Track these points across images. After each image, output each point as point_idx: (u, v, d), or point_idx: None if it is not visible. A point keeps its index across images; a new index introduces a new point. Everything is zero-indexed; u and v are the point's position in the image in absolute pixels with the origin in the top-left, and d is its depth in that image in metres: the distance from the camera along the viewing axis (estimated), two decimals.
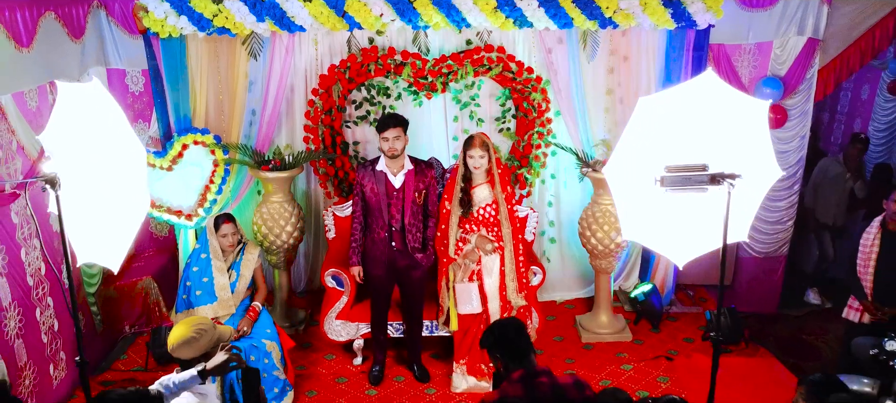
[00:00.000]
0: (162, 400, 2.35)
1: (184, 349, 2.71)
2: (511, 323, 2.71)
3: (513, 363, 2.61)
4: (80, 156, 2.53)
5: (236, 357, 2.58)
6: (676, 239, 2.70)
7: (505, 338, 2.62)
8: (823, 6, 4.94)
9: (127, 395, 2.13)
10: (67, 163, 2.54)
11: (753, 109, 2.61)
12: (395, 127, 3.93)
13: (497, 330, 2.68)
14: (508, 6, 4.44)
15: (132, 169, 2.57)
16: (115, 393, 2.14)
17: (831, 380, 2.86)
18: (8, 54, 3.70)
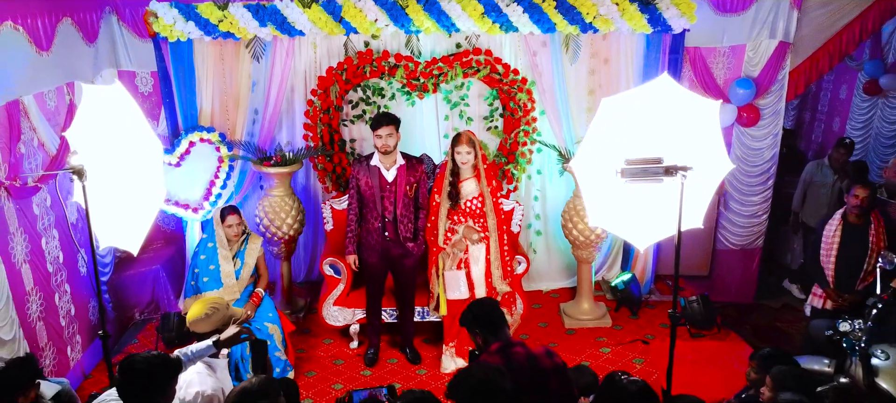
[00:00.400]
0: (181, 365, 2.65)
1: (200, 323, 3.03)
2: (486, 302, 3.02)
3: (491, 336, 2.91)
4: (102, 151, 2.84)
5: (247, 330, 2.89)
6: (637, 225, 3.01)
7: (482, 315, 2.92)
8: (793, 11, 5.23)
9: (151, 359, 2.42)
10: (91, 156, 2.84)
11: (705, 109, 2.92)
12: (387, 125, 4.23)
13: (474, 309, 2.98)
14: (495, 12, 4.74)
15: (150, 162, 2.88)
16: (140, 357, 2.44)
17: (780, 354, 3.16)
18: (29, 58, 4.00)
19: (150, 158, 2.86)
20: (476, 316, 2.94)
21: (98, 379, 4.42)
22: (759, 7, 5.23)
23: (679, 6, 4.80)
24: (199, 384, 2.84)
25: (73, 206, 4.55)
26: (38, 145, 4.12)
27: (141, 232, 2.94)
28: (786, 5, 5.21)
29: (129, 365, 2.41)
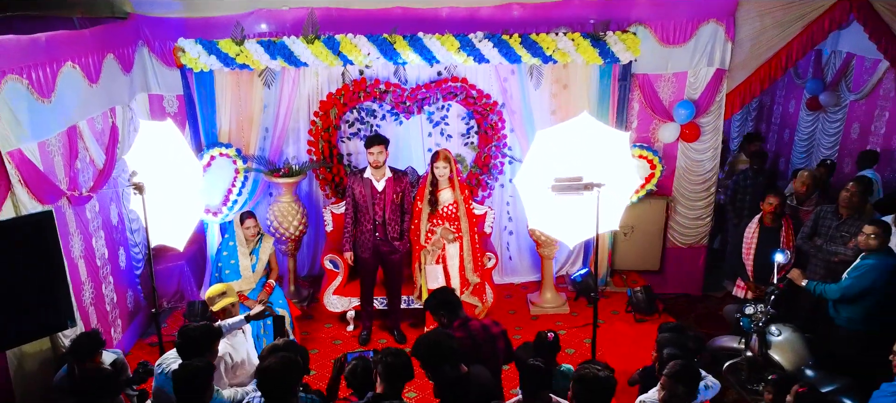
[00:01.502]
0: (222, 333, 3.51)
1: (219, 299, 3.90)
2: (444, 290, 3.90)
3: (451, 316, 3.78)
4: (156, 171, 3.72)
5: (269, 308, 3.76)
6: (566, 228, 3.88)
7: (442, 300, 3.78)
8: (728, 42, 6.09)
9: (200, 327, 3.29)
10: (147, 175, 3.72)
11: (617, 139, 3.80)
12: (379, 144, 5.11)
13: (437, 296, 3.85)
14: (469, 46, 5.61)
15: (191, 180, 3.75)
16: (192, 326, 3.29)
17: (677, 327, 4.03)
18: (83, 89, 4.87)
19: (191, 177, 3.74)
20: (438, 302, 3.81)
21: (136, 355, 5.28)
22: (699, 39, 6.08)
23: (625, 42, 5.67)
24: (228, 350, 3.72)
25: (114, 212, 5.44)
26: (90, 161, 4.98)
27: (185, 233, 3.82)
28: (722, 37, 6.07)
29: (184, 332, 3.29)
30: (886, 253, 4.31)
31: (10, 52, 4.00)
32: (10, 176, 3.93)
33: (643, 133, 6.36)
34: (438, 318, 3.85)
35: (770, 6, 5.98)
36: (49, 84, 4.37)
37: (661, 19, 6.01)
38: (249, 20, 5.86)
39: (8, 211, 3.93)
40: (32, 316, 3.30)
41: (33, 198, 4.11)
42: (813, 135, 8.31)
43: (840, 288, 4.45)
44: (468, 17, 5.91)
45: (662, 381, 3.11)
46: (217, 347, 3.37)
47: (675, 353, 3.40)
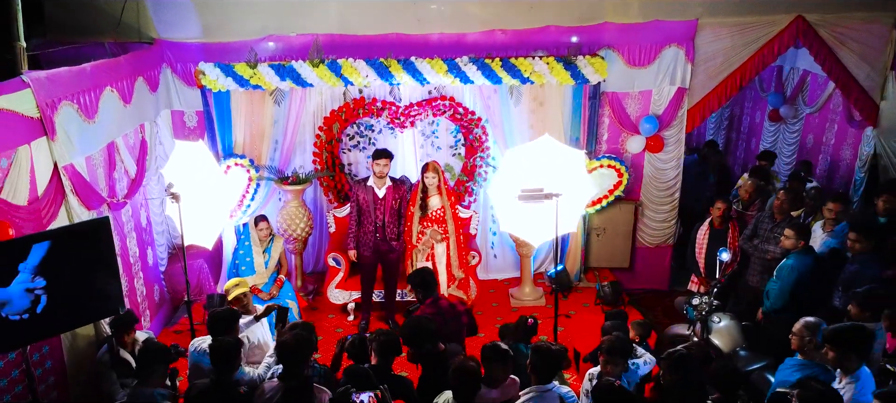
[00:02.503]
0: (239, 316, 4.26)
1: (235, 289, 4.64)
2: (423, 270, 4.63)
3: (426, 293, 4.51)
4: (188, 182, 4.46)
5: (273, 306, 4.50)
6: (532, 229, 4.62)
7: (420, 279, 4.52)
8: (688, 64, 6.82)
9: (226, 310, 4.03)
10: (181, 185, 4.47)
11: (574, 156, 4.54)
12: (385, 158, 5.87)
13: (417, 275, 4.60)
14: (455, 69, 6.34)
15: (218, 190, 4.49)
16: (219, 310, 4.03)
17: (621, 314, 4.77)
18: (119, 110, 5.61)
19: (219, 187, 4.48)
20: (417, 281, 4.56)
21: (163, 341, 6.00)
22: (662, 61, 6.82)
23: (593, 65, 6.40)
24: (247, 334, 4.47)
25: (143, 215, 6.19)
26: (124, 172, 5.73)
27: (213, 234, 4.57)
28: (682, 59, 6.80)
29: (213, 315, 4.03)
30: (805, 251, 5.04)
31: (64, 82, 4.74)
32: (65, 186, 4.68)
33: (613, 145, 7.11)
34: (416, 293, 4.58)
35: (725, 32, 6.72)
36: (93, 106, 5.12)
37: (628, 44, 6.74)
38: (261, 45, 6.60)
39: (62, 217, 4.67)
40: (91, 303, 4.05)
41: (82, 204, 4.86)
42: (775, 143, 9.05)
43: (778, 293, 5.14)
44: (456, 42, 6.64)
45: (600, 356, 3.85)
46: (238, 327, 4.12)
47: (618, 335, 4.14)
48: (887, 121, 7.01)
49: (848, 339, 3.48)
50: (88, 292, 3.99)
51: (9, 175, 4.13)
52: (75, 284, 3.90)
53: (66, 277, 3.82)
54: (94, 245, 3.95)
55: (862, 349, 3.49)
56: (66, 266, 3.80)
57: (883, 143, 7.10)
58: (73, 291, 3.91)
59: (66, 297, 3.85)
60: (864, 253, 4.85)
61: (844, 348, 3.46)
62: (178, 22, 6.51)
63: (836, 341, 3.49)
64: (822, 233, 5.59)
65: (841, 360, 3.49)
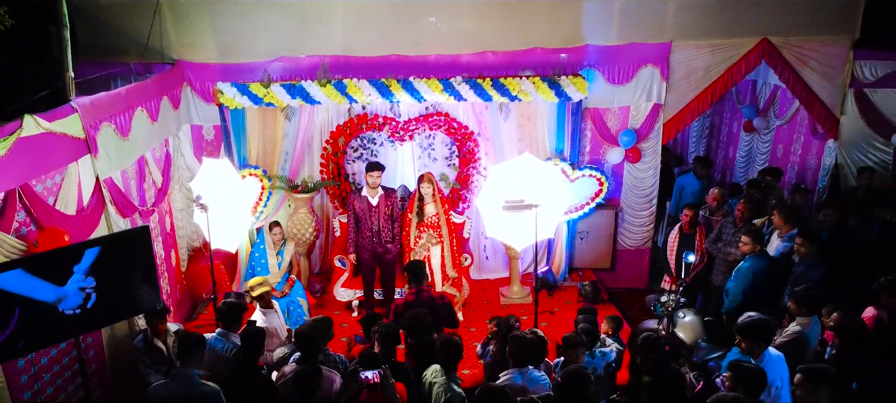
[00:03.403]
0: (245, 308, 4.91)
1: (259, 287, 5.29)
2: (417, 262, 5.25)
3: (414, 283, 5.13)
4: (214, 194, 5.11)
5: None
6: (515, 235, 5.26)
7: (412, 270, 5.15)
8: (664, 82, 7.46)
9: (233, 302, 4.69)
10: (208, 196, 5.11)
11: (552, 171, 5.19)
12: (378, 170, 6.51)
13: (411, 265, 5.22)
14: (450, 88, 6.98)
15: (241, 200, 5.14)
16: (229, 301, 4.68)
17: (591, 310, 5.40)
18: (148, 127, 6.26)
19: (241, 198, 5.12)
20: (409, 270, 5.18)
21: None
22: (639, 80, 7.46)
23: (575, 84, 7.04)
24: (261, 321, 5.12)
25: (167, 221, 6.83)
26: (152, 182, 6.38)
27: (237, 239, 5.22)
28: (658, 78, 7.44)
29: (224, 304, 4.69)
30: (759, 255, 5.67)
31: (104, 105, 5.39)
32: (105, 197, 5.33)
33: (595, 156, 7.75)
34: (408, 281, 5.20)
35: (696, 54, 7.36)
36: (127, 125, 5.77)
37: (608, 64, 7.39)
38: (273, 66, 7.24)
39: (102, 225, 5.32)
40: (133, 299, 4.70)
41: (118, 213, 5.51)
42: (750, 152, 9.69)
43: (735, 292, 5.78)
44: (451, 62, 7.28)
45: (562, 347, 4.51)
46: (245, 319, 4.78)
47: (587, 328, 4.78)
48: (847, 134, 7.68)
49: (753, 331, 4.14)
50: (131, 290, 4.64)
51: (61, 189, 4.78)
52: (120, 283, 4.55)
53: (113, 277, 4.46)
54: (137, 249, 4.60)
55: (764, 337, 4.16)
56: (113, 267, 4.44)
57: (843, 154, 7.76)
58: (118, 289, 4.55)
59: (112, 294, 4.50)
60: (808, 256, 5.49)
61: (752, 338, 4.13)
62: (198, 45, 7.17)
63: (745, 332, 4.17)
64: (777, 239, 6.23)
65: (750, 348, 4.15)
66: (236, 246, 5.36)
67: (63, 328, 4.34)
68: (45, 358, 4.65)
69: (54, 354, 4.76)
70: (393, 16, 7.10)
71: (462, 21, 7.15)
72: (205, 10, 7.01)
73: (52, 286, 4.12)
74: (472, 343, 5.66)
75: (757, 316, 4.37)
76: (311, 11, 7.09)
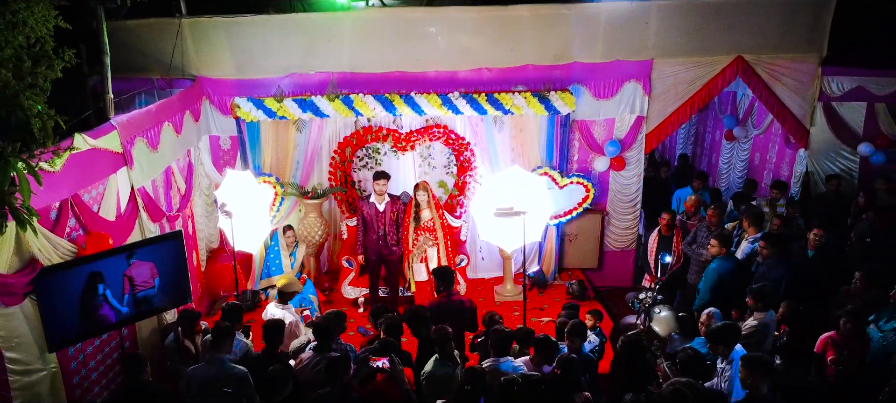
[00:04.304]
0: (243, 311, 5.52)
1: (288, 285, 5.90)
2: (447, 268, 5.84)
3: (444, 286, 5.73)
4: (237, 201, 5.73)
5: None
6: (506, 238, 5.88)
7: (441, 274, 5.75)
8: (646, 96, 8.07)
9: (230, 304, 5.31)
10: (232, 203, 5.74)
11: (538, 182, 5.81)
12: (384, 179, 7.14)
13: (439, 270, 5.81)
14: (448, 103, 7.59)
15: (261, 207, 5.76)
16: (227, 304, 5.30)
17: (573, 306, 6.01)
18: (173, 139, 6.87)
19: (261, 205, 5.74)
20: (439, 275, 5.77)
21: None
22: (623, 94, 8.08)
23: (563, 99, 7.65)
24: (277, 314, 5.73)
25: (189, 225, 7.45)
26: (176, 190, 7.00)
27: (258, 242, 5.84)
28: (640, 92, 8.05)
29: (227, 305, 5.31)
30: (725, 257, 6.27)
31: (137, 122, 6.01)
32: (138, 204, 5.95)
33: (582, 164, 8.37)
34: (437, 284, 5.77)
35: (676, 70, 7.98)
36: (156, 139, 6.39)
37: (594, 80, 8.01)
38: (285, 81, 7.86)
39: (136, 230, 5.94)
40: (169, 295, 5.32)
41: (149, 219, 6.13)
42: (731, 159, 10.31)
43: (703, 292, 6.38)
44: (449, 78, 7.90)
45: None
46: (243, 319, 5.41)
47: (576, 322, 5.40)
48: (816, 143, 8.30)
49: (718, 336, 4.76)
50: (167, 287, 5.26)
51: (104, 198, 5.40)
52: (159, 280, 5.17)
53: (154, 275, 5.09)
54: (172, 251, 5.23)
55: (729, 341, 4.76)
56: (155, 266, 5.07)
57: (813, 162, 8.39)
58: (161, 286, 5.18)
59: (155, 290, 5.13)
60: (769, 257, 6.10)
61: (717, 342, 4.75)
62: (216, 62, 7.79)
63: (712, 338, 4.79)
64: (746, 242, 6.85)
65: (718, 350, 4.77)
66: (257, 247, 5.97)
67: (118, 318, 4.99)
68: (90, 347, 5.26)
69: (97, 344, 5.37)
70: (396, 35, 7.73)
71: (460, 37, 7.75)
72: (222, 30, 7.64)
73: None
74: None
75: (722, 324, 4.98)
76: (320, 31, 7.72)
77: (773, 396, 4.09)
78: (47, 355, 4.64)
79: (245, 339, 5.36)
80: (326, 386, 4.27)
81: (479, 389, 4.15)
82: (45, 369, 4.66)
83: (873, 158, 8.07)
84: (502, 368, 4.62)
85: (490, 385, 4.40)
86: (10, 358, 4.36)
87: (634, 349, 5.02)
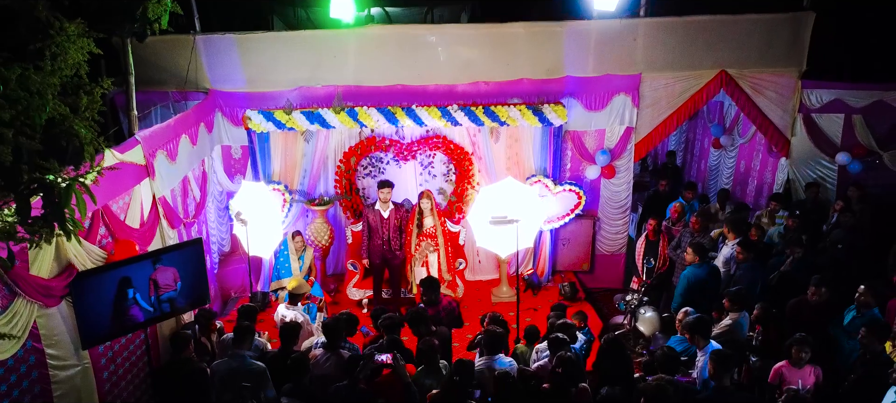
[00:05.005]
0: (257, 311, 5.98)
1: (298, 288, 6.36)
2: (430, 278, 6.31)
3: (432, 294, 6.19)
4: (252, 209, 6.19)
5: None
6: (501, 244, 6.34)
7: (427, 284, 6.21)
8: (635, 108, 8.52)
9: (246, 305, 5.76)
10: (247, 211, 6.20)
11: (530, 192, 6.27)
12: (388, 188, 7.61)
13: (426, 280, 6.28)
14: (447, 115, 8.05)
15: (273, 216, 6.22)
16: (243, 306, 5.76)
17: (561, 306, 6.46)
18: (190, 150, 7.33)
19: (273, 213, 6.20)
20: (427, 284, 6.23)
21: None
22: (613, 106, 8.53)
23: (556, 111, 8.10)
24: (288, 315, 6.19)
25: (203, 230, 7.92)
26: (192, 198, 7.46)
27: (271, 246, 6.30)
28: (629, 105, 8.50)
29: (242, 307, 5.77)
30: (698, 266, 6.68)
31: (159, 135, 6.47)
32: (159, 212, 6.41)
33: (574, 172, 8.83)
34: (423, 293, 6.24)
35: (663, 83, 8.42)
36: (175, 151, 6.85)
37: (586, 93, 8.46)
38: (294, 94, 8.32)
39: (157, 237, 6.40)
40: (190, 297, 5.78)
41: (169, 225, 6.59)
42: (718, 166, 10.76)
43: (676, 295, 6.83)
44: (448, 91, 8.35)
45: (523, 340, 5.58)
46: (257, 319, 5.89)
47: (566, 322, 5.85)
48: (797, 153, 8.76)
49: (694, 328, 5.21)
50: (188, 290, 5.72)
51: (129, 207, 5.86)
52: (180, 283, 5.63)
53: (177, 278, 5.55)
54: (193, 257, 5.69)
55: (704, 332, 5.21)
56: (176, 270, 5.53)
57: (794, 171, 8.85)
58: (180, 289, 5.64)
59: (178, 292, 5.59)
60: (745, 262, 6.56)
61: (694, 333, 5.21)
62: (228, 76, 8.25)
63: (690, 330, 5.24)
64: (726, 247, 7.30)
65: (694, 340, 5.22)
66: (270, 253, 6.44)
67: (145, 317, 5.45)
68: (118, 345, 5.72)
69: (123, 342, 5.83)
70: (398, 51, 8.19)
71: (459, 51, 8.19)
72: (234, 46, 8.09)
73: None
74: (466, 336, 6.72)
75: (695, 317, 5.44)
76: (327, 47, 8.18)
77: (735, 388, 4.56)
78: (81, 351, 5.11)
79: (261, 338, 5.82)
80: (338, 380, 4.73)
81: (467, 380, 4.60)
82: (79, 364, 5.12)
83: (850, 167, 8.53)
84: (497, 365, 5.08)
85: (487, 380, 4.87)
86: (50, 354, 4.82)
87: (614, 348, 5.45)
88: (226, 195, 8.62)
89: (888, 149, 8.45)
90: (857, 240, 7.48)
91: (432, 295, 6.15)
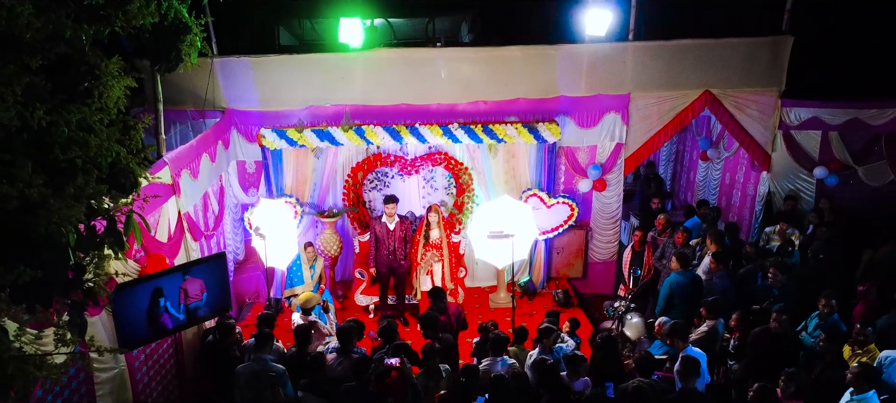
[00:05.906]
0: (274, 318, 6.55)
1: (308, 301, 6.92)
2: (437, 288, 6.86)
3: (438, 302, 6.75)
4: (269, 224, 6.76)
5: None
6: (498, 255, 6.90)
7: (434, 294, 6.76)
8: (624, 125, 9.07)
9: (264, 313, 6.33)
10: (265, 225, 6.77)
11: (525, 208, 6.83)
12: (393, 203, 8.17)
13: (432, 291, 6.82)
14: (448, 132, 8.61)
15: (289, 230, 6.78)
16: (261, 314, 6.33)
17: (554, 313, 7.02)
18: (209, 167, 7.89)
19: (289, 228, 6.76)
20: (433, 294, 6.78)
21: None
22: (604, 123, 9.08)
23: (550, 129, 8.67)
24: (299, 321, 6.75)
25: (221, 241, 8.49)
26: (211, 211, 8.02)
27: (287, 258, 6.87)
28: (619, 122, 9.05)
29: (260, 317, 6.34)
30: (680, 273, 7.22)
31: (183, 156, 7.03)
32: (184, 227, 6.97)
33: (568, 186, 9.39)
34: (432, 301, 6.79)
35: (650, 102, 8.98)
36: (197, 169, 7.41)
37: (578, 111, 9.02)
38: (305, 113, 8.88)
39: (182, 250, 6.96)
40: (213, 306, 6.35)
41: (192, 238, 7.15)
42: (706, 178, 11.32)
43: (659, 301, 7.39)
44: (449, 110, 8.90)
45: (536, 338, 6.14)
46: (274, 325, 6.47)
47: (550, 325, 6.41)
48: (777, 167, 9.32)
49: (673, 332, 5.77)
50: (212, 299, 6.29)
51: (159, 223, 6.43)
52: (206, 293, 6.20)
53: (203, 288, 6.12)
54: (217, 269, 6.26)
55: (682, 335, 5.77)
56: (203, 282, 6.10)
57: (774, 184, 9.41)
58: (205, 299, 6.21)
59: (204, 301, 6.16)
60: (717, 271, 7.14)
61: (674, 337, 5.77)
62: (242, 95, 8.81)
63: (670, 334, 5.80)
64: (707, 257, 7.86)
65: (674, 344, 5.78)
66: (286, 264, 7.04)
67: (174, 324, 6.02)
68: (148, 349, 6.29)
69: (154, 346, 6.40)
70: (402, 72, 8.75)
71: (459, 74, 8.74)
72: (249, 69, 8.65)
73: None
74: (466, 340, 7.28)
75: (671, 324, 6.00)
76: (336, 68, 8.74)
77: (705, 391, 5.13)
78: (118, 356, 5.67)
79: (277, 343, 6.37)
80: (350, 381, 5.29)
81: (472, 383, 5.16)
82: (117, 367, 5.69)
83: (827, 180, 9.08)
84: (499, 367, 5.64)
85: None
86: (93, 358, 5.38)
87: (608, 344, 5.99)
88: (241, 207, 9.17)
89: (863, 163, 9.01)
90: (834, 251, 8.02)
91: (440, 303, 6.66)
